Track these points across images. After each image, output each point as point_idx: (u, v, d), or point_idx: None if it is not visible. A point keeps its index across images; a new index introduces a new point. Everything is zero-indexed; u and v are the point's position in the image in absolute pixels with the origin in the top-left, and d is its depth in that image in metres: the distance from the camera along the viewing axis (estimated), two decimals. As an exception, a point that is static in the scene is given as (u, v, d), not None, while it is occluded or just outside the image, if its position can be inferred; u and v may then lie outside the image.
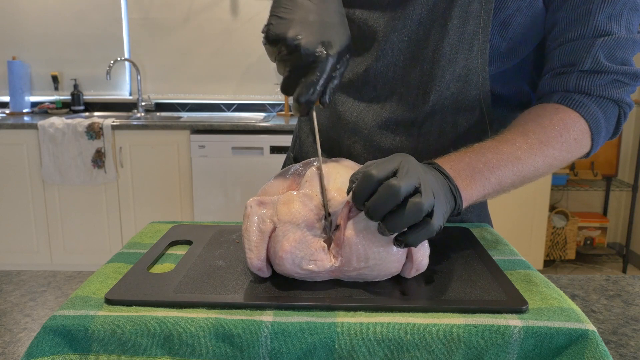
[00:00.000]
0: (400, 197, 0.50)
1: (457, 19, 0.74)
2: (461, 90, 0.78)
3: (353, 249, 0.54)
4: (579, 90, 0.73)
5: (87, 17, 3.30)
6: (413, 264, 0.56)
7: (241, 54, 3.35)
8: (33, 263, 2.95)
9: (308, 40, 0.58)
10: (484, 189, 0.64)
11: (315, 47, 0.58)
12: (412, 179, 0.51)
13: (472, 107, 0.80)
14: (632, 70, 0.73)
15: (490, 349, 0.47)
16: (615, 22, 0.71)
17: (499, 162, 0.66)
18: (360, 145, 0.84)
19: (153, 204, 2.89)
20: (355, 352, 0.47)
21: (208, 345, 0.48)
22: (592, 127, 0.72)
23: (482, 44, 0.75)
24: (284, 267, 0.55)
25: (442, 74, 0.77)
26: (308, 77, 0.58)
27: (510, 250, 0.68)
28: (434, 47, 0.77)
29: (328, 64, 0.58)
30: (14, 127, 2.78)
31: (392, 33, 0.78)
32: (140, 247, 0.69)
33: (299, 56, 0.58)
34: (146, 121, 3.03)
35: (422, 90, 0.79)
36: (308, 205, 0.55)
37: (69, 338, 0.49)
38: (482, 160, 0.65)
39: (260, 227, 0.56)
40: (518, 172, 0.67)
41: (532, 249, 3.03)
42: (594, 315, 0.76)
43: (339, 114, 0.85)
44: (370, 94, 0.82)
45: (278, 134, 2.79)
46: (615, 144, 3.39)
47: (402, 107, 0.81)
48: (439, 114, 0.80)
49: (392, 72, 0.80)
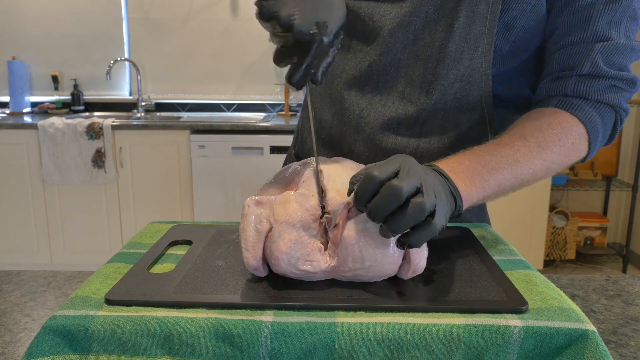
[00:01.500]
0: (402, 197, 0.50)
1: (463, 18, 0.74)
2: (464, 89, 0.78)
3: (349, 250, 0.54)
4: (577, 95, 0.74)
5: (87, 17, 3.30)
6: (410, 265, 0.56)
7: (241, 54, 3.34)
8: (33, 263, 2.95)
9: (302, 20, 0.57)
10: (483, 191, 0.64)
11: (310, 27, 0.57)
12: (414, 179, 0.51)
13: (474, 107, 0.80)
14: (629, 76, 0.74)
15: (490, 349, 0.47)
16: (615, 28, 0.72)
17: (498, 165, 0.66)
18: (361, 143, 0.84)
19: (153, 204, 2.89)
20: (355, 352, 0.47)
21: (208, 345, 0.48)
22: (590, 132, 0.73)
23: (486, 44, 0.75)
24: (280, 267, 0.55)
25: (446, 73, 0.77)
26: (301, 57, 0.58)
27: (510, 250, 0.68)
28: (439, 46, 0.77)
29: (322, 43, 0.58)
30: (14, 127, 2.78)
31: (398, 29, 0.78)
32: (140, 247, 0.69)
33: (292, 35, 0.57)
34: (146, 121, 3.03)
35: (425, 88, 0.79)
36: (304, 205, 0.56)
37: (69, 338, 0.49)
38: (482, 162, 0.65)
39: (257, 227, 0.56)
40: (517, 174, 0.67)
41: (532, 249, 3.03)
42: (594, 315, 0.76)
43: (342, 112, 0.85)
44: (372, 91, 0.82)
45: (278, 134, 2.79)
46: (615, 144, 3.39)
47: (404, 105, 0.81)
48: (441, 113, 0.80)
49: (396, 68, 0.80)
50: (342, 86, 0.85)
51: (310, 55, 0.58)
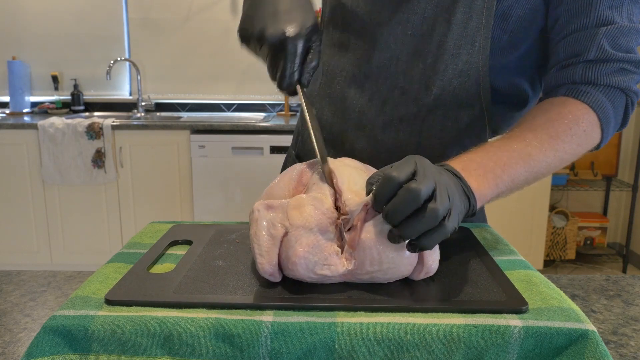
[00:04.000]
0: (420, 200, 0.49)
1: (460, 14, 0.75)
2: (462, 85, 0.79)
3: (367, 253, 0.53)
4: (586, 81, 0.73)
5: (87, 17, 3.30)
6: (423, 267, 0.55)
7: (241, 54, 3.34)
8: (33, 263, 2.95)
9: (272, 30, 0.62)
10: (497, 188, 0.63)
11: (280, 34, 0.62)
12: (431, 181, 0.51)
13: (473, 103, 0.80)
14: (637, 58, 0.72)
15: (490, 349, 0.47)
16: (617, 11, 0.71)
17: (510, 160, 0.65)
18: (363, 141, 0.84)
19: (153, 204, 2.89)
20: (355, 352, 0.47)
21: (208, 345, 0.48)
22: (601, 118, 0.71)
23: (484, 39, 0.76)
24: (297, 272, 0.54)
25: (444, 68, 0.77)
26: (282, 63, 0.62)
27: (510, 250, 0.68)
28: (438, 42, 0.77)
29: (295, 46, 0.62)
30: (14, 127, 2.78)
31: (396, 26, 0.78)
32: (140, 247, 0.69)
33: (267, 46, 0.62)
34: (146, 121, 3.03)
35: (424, 84, 0.79)
36: (320, 209, 0.55)
37: (69, 338, 0.49)
38: (494, 159, 0.64)
39: (270, 232, 0.55)
40: (530, 168, 0.66)
41: (532, 249, 3.03)
42: (594, 315, 0.76)
43: (342, 110, 0.85)
44: (372, 88, 0.83)
45: (278, 134, 2.79)
46: (615, 144, 3.39)
47: (404, 102, 0.81)
48: (441, 109, 0.81)
49: (395, 65, 0.80)
50: (343, 85, 0.85)
51: (287, 59, 0.62)
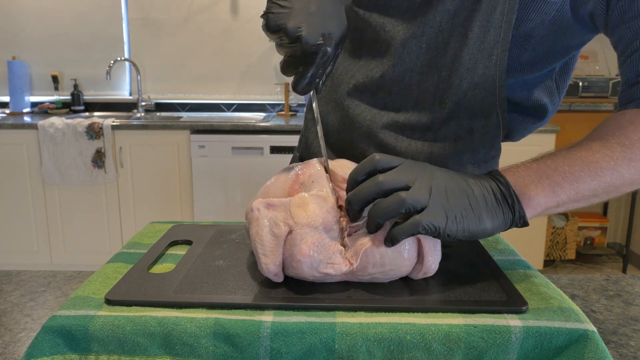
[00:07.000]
0: (382, 187, 0.53)
1: (478, 28, 0.73)
2: (478, 97, 0.77)
3: (369, 256, 0.54)
4: None
5: (87, 17, 3.30)
6: (423, 266, 0.56)
7: (241, 54, 3.34)
8: (33, 263, 2.95)
9: (309, 32, 0.59)
10: (555, 196, 0.59)
11: (317, 39, 0.59)
12: (404, 176, 0.53)
13: (488, 113, 0.79)
14: None
15: (490, 349, 0.47)
16: None
17: (572, 168, 0.61)
18: (374, 149, 0.83)
19: (153, 204, 2.89)
20: (355, 352, 0.47)
21: (208, 345, 0.48)
22: None
23: (501, 53, 0.74)
24: (301, 271, 0.54)
25: (460, 81, 0.76)
26: (307, 67, 0.60)
27: (510, 250, 0.68)
28: (453, 55, 0.75)
29: (326, 54, 0.60)
30: (14, 127, 2.78)
31: (410, 40, 0.77)
32: (140, 247, 0.69)
33: (300, 46, 0.59)
34: (146, 121, 3.03)
35: (439, 97, 0.78)
36: (324, 207, 0.55)
37: (69, 338, 0.49)
38: (552, 166, 0.61)
39: (273, 231, 0.54)
40: (597, 177, 0.61)
41: (532, 249, 3.03)
42: (594, 315, 0.76)
43: (351, 118, 0.84)
44: (384, 99, 0.82)
45: (278, 134, 2.79)
46: (615, 144, 3.39)
47: (418, 113, 0.80)
48: (455, 120, 0.79)
49: (409, 78, 0.79)
50: (350, 92, 0.84)
51: (315, 64, 0.60)
